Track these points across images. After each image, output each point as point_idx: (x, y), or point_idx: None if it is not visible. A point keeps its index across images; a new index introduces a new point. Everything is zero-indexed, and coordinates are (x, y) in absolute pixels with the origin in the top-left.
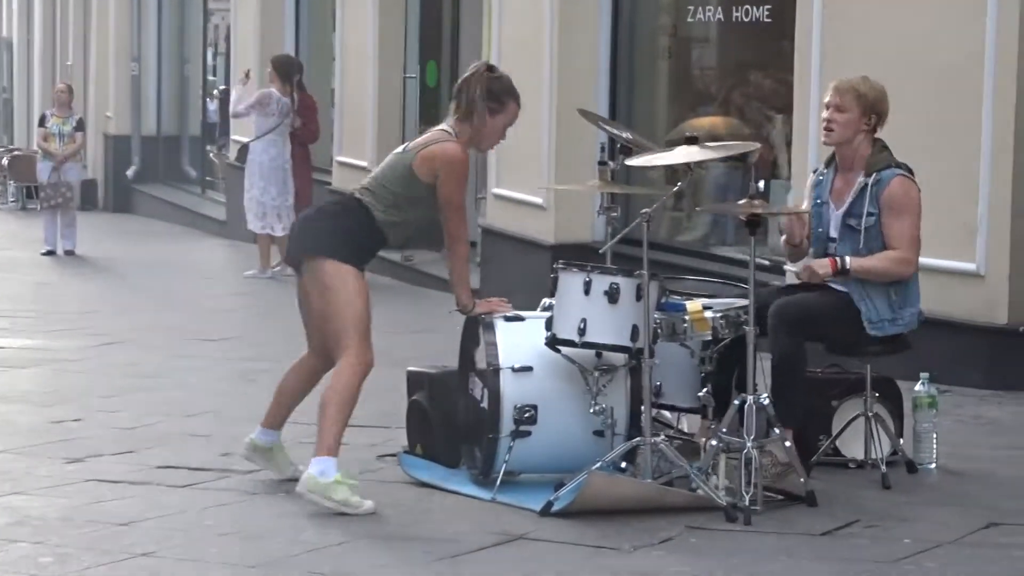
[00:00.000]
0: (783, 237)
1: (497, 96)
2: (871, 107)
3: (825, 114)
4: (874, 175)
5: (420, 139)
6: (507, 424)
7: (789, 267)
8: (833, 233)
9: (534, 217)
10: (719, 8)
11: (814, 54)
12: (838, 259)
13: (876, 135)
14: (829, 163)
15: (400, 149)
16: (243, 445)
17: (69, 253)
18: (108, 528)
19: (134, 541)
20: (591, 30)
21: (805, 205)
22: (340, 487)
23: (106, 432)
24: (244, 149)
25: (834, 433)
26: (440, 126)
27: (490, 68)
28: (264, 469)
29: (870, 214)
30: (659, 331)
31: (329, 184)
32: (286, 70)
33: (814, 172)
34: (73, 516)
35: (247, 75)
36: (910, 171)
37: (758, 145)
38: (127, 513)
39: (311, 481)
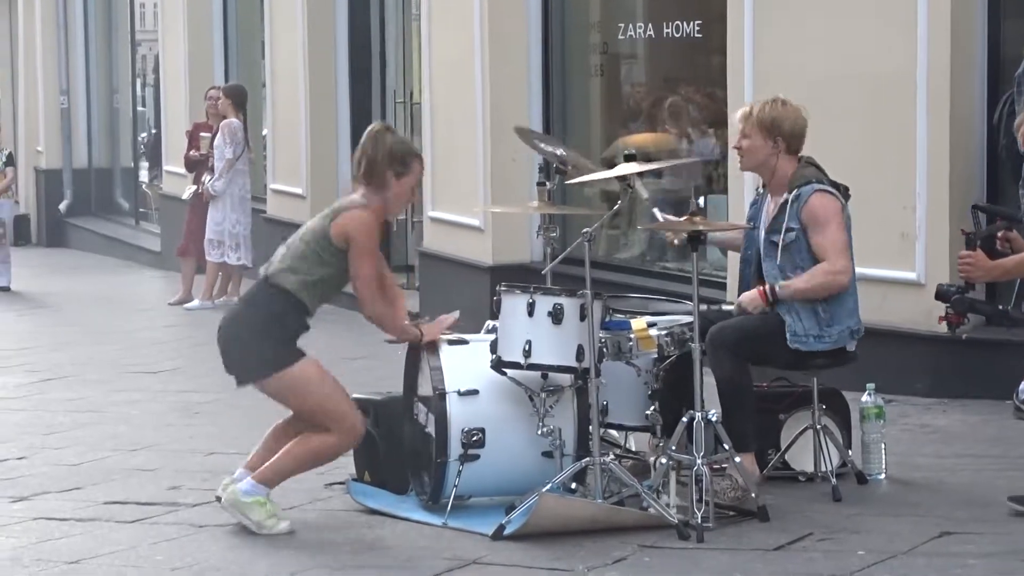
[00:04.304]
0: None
1: (401, 158)
2: (771, 130)
3: (733, 142)
4: (795, 191)
5: (336, 206)
6: (455, 448)
7: (725, 307)
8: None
9: (471, 239)
10: (650, 25)
11: (746, 68)
12: (767, 290)
13: (799, 154)
14: (765, 185)
15: (323, 214)
16: (224, 492)
17: (4, 289)
18: (58, 567)
19: None
20: (521, 50)
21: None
22: (258, 508)
23: (51, 469)
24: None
25: (783, 447)
26: (355, 194)
27: (387, 129)
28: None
29: (789, 230)
30: (605, 350)
31: (264, 212)
32: (241, 99)
33: (757, 191)
34: (21, 556)
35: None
36: (837, 186)
37: (698, 159)
38: (77, 551)
39: (234, 495)
